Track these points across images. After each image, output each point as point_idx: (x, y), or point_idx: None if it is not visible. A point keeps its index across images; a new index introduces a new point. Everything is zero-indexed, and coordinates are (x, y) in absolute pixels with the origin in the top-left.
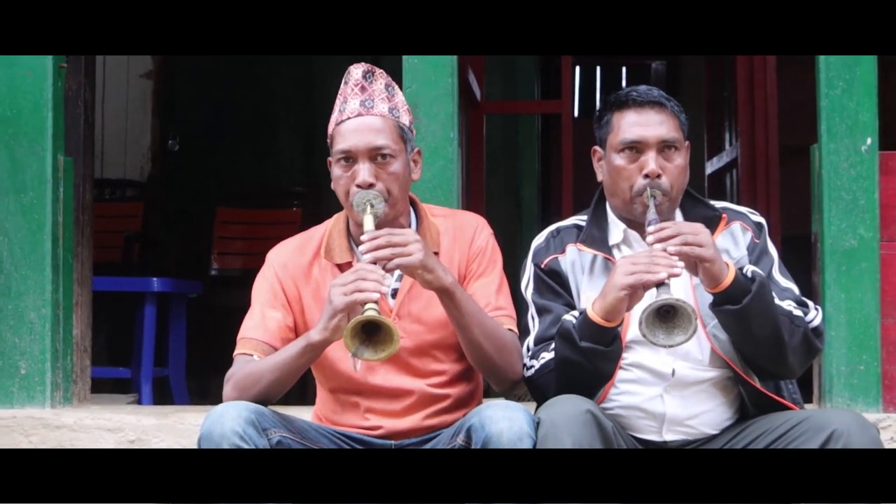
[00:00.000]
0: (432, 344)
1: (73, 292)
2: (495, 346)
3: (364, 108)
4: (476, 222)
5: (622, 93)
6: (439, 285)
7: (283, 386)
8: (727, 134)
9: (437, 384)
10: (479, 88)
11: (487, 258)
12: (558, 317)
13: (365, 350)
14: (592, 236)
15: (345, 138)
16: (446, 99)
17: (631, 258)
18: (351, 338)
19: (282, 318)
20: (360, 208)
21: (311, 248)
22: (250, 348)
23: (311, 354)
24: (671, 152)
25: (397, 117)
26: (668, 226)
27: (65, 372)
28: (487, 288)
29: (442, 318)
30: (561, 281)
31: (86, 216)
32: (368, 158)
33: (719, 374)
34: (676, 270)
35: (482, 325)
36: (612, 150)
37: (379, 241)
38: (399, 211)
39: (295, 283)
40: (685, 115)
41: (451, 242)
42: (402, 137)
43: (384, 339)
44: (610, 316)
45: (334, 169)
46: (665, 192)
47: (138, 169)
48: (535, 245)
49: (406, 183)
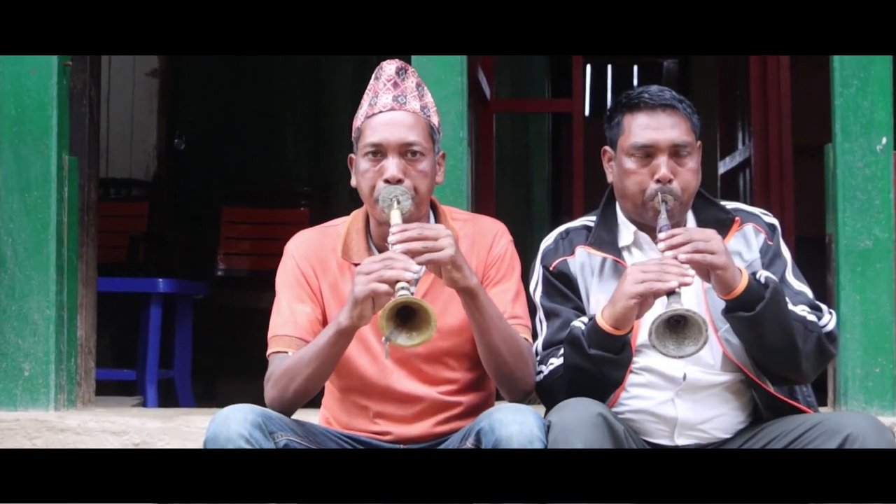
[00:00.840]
0: (446, 351)
1: (77, 293)
2: (513, 353)
3: (397, 103)
4: (496, 228)
5: (633, 93)
6: (465, 285)
7: (321, 377)
8: (740, 133)
9: (448, 392)
10: (488, 87)
11: (506, 265)
12: (567, 321)
13: (399, 335)
14: (601, 238)
15: (376, 131)
16: (456, 98)
17: (641, 265)
18: (386, 320)
19: (311, 311)
20: (385, 203)
21: (329, 243)
22: (283, 345)
23: (344, 341)
24: (683, 156)
25: (428, 116)
26: (679, 232)
27: (69, 374)
28: (504, 295)
29: (456, 325)
30: (570, 283)
31: (90, 216)
32: (398, 154)
33: (731, 378)
34: (687, 279)
35: (502, 331)
36: (622, 152)
37: (410, 232)
38: (422, 213)
39: (315, 273)
40: (697, 115)
41: (470, 247)
42: (431, 137)
43: (419, 325)
44: (619, 324)
45: (361, 162)
46: (676, 197)
47: (144, 168)
48: (544, 246)
49: (432, 183)
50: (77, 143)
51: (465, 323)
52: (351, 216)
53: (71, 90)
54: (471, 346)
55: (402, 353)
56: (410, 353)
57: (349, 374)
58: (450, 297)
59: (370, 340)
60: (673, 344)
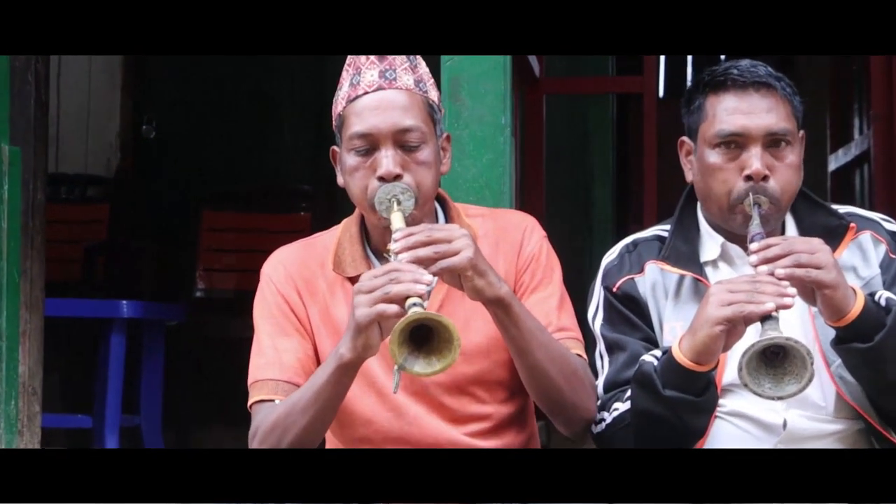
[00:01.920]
0: (472, 379)
1: (18, 319)
2: (564, 373)
3: (385, 79)
4: (524, 223)
5: (719, 69)
6: (493, 294)
7: (321, 427)
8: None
9: (478, 433)
10: (537, 62)
11: (543, 266)
12: (635, 356)
13: (415, 362)
14: (679, 251)
15: (362, 118)
16: (496, 75)
17: (729, 284)
18: (399, 344)
19: (299, 346)
20: (383, 206)
21: (315, 258)
22: (268, 393)
23: (347, 378)
24: (781, 147)
25: (425, 92)
26: (776, 242)
27: (7, 420)
28: (545, 304)
29: (483, 344)
30: (638, 309)
31: (37, 221)
32: (393, 143)
33: (847, 427)
34: (787, 301)
35: (547, 347)
36: (705, 143)
37: (417, 237)
38: (426, 211)
39: (301, 297)
40: (800, 97)
41: (494, 249)
42: (431, 118)
43: (439, 347)
44: (701, 357)
45: (346, 158)
46: (773, 199)
47: (104, 162)
48: (606, 263)
49: (437, 175)
50: (20, 129)
51: (493, 341)
52: (342, 224)
53: (12, 64)
54: (504, 371)
55: (418, 386)
56: (428, 384)
57: (352, 420)
58: (471, 309)
59: (375, 373)
60: (770, 382)
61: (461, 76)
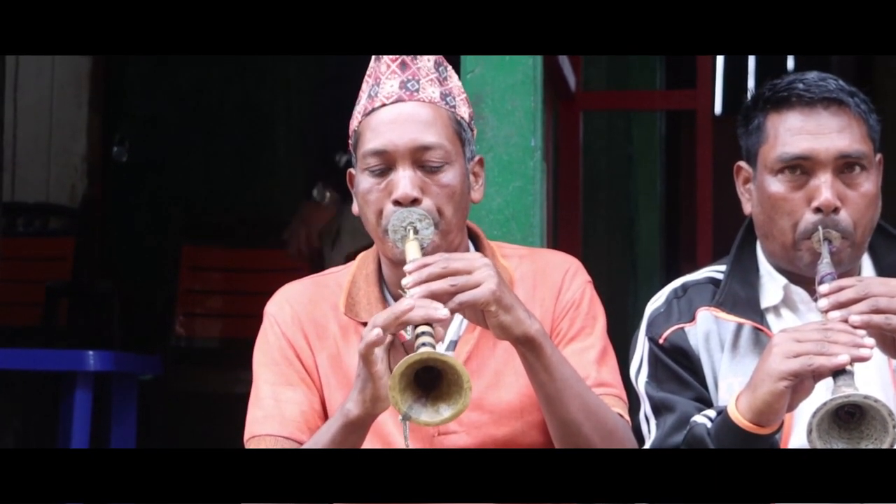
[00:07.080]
0: (501, 442)
1: None
2: (600, 432)
3: (406, 91)
4: (566, 265)
5: (781, 83)
6: (521, 332)
7: None
8: None
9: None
10: (573, 73)
11: (583, 314)
12: (685, 417)
13: (421, 410)
14: (736, 296)
15: (378, 133)
16: (525, 89)
17: (795, 333)
18: (400, 392)
19: (303, 398)
20: (398, 234)
21: (326, 297)
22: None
23: (356, 436)
24: (855, 173)
25: (453, 107)
26: (850, 284)
27: None
28: (584, 356)
29: (516, 403)
30: (689, 363)
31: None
32: (412, 163)
33: None
34: (864, 352)
35: (582, 398)
36: (765, 169)
37: (432, 269)
38: (453, 244)
39: (308, 342)
40: (878, 115)
41: (531, 293)
42: (459, 136)
43: (448, 392)
44: (763, 418)
45: (360, 180)
46: (845, 234)
47: (67, 189)
48: (652, 310)
49: (464, 203)
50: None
51: (527, 399)
52: (357, 259)
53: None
54: (539, 435)
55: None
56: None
57: None
58: (503, 363)
59: (386, 427)
60: (844, 446)
61: (484, 90)
